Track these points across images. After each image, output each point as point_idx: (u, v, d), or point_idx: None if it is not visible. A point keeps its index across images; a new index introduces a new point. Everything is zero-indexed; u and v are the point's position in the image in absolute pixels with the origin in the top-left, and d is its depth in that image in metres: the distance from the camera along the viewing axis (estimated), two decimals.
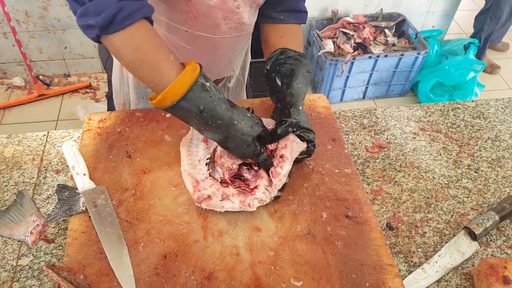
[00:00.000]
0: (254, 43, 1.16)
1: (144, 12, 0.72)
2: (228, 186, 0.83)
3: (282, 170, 0.83)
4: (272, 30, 1.02)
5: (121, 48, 0.72)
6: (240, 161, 0.86)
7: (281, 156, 0.84)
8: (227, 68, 1.15)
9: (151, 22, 0.76)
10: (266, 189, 0.82)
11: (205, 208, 0.81)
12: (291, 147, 0.85)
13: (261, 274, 0.75)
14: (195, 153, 0.89)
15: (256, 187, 0.83)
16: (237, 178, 0.86)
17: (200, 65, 0.75)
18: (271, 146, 0.87)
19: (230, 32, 0.97)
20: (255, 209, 0.81)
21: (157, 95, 0.73)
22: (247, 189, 0.83)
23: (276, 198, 0.84)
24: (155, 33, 0.75)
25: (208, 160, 0.87)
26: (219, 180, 0.85)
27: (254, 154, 0.82)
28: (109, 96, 1.21)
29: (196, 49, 0.98)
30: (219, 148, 0.87)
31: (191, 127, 0.93)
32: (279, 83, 0.93)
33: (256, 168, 0.86)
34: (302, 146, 0.87)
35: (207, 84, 0.73)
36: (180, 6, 0.87)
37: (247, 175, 0.86)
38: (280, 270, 0.76)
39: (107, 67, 1.14)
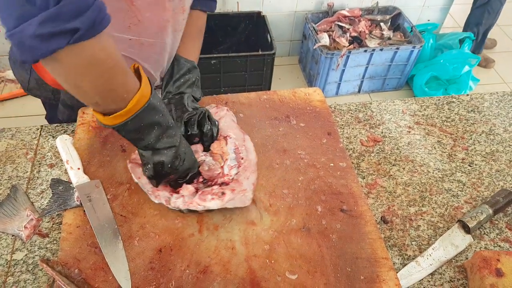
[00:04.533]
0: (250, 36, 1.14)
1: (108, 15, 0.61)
2: None
3: (209, 203, 0.80)
4: None
5: (99, 55, 0.59)
6: None
7: (223, 193, 0.82)
8: None
9: None
10: (184, 198, 0.81)
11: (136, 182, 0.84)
12: (231, 196, 0.82)
13: (256, 268, 0.75)
14: None
15: (178, 191, 0.82)
16: None
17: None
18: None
19: (174, 33, 0.92)
20: (167, 204, 0.81)
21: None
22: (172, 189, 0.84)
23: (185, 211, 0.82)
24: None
25: None
26: None
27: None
28: (49, 119, 1.16)
29: (141, 57, 0.90)
30: None
31: None
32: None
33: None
34: (246, 202, 0.83)
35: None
36: (123, 12, 0.78)
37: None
38: (275, 263, 0.76)
39: (31, 87, 1.01)
